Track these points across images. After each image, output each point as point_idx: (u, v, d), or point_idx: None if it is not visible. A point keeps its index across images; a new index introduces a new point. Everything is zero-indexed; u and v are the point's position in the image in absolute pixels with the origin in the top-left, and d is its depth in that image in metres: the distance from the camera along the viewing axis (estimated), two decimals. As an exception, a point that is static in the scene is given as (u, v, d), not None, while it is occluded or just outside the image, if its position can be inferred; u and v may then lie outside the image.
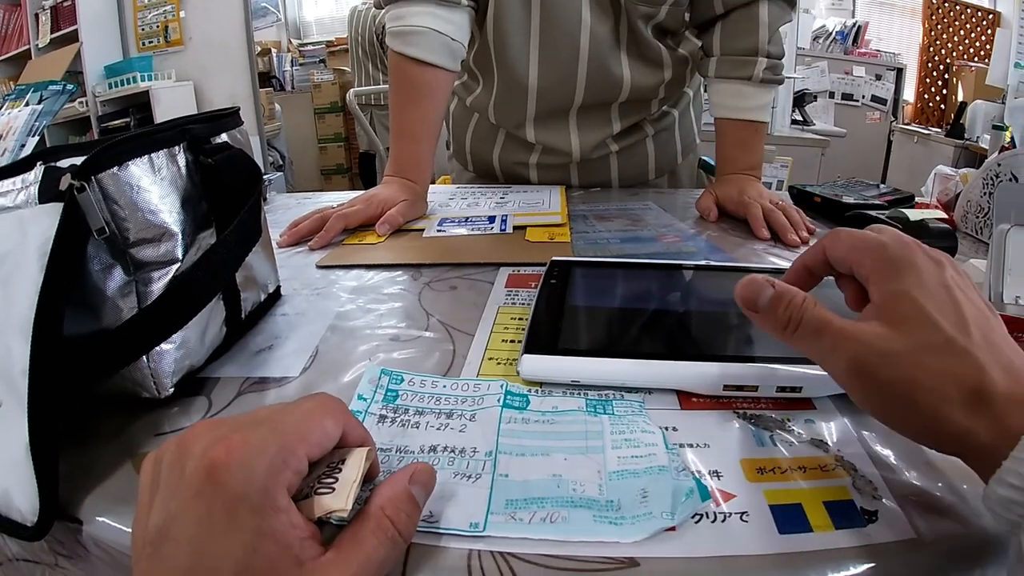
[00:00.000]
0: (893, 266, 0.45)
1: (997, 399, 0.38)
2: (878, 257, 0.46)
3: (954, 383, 0.39)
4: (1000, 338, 0.42)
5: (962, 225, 1.19)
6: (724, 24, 1.28)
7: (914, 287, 0.43)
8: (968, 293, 0.44)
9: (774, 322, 0.47)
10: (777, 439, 0.52)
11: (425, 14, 1.18)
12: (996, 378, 0.38)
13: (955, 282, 0.44)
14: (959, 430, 0.39)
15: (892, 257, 0.45)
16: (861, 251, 0.48)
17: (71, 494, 0.48)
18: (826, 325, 0.44)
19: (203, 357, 0.62)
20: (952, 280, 0.44)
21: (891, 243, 0.46)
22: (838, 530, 0.43)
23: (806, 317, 0.46)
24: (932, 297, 0.42)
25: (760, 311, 0.48)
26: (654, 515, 0.43)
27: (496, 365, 0.64)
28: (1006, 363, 0.40)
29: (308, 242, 1.04)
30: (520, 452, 0.49)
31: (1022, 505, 0.35)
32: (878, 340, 0.42)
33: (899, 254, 0.45)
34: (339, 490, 0.38)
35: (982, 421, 0.38)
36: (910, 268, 0.44)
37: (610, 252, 0.99)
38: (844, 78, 5.92)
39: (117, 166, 0.53)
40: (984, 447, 0.38)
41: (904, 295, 0.43)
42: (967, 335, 0.40)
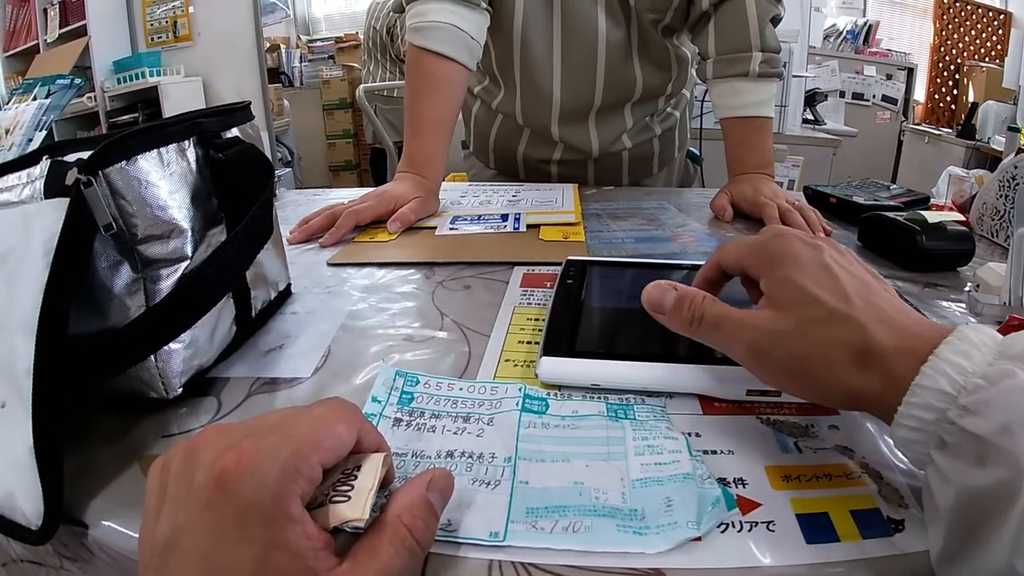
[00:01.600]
0: (773, 258, 0.50)
1: (884, 353, 0.42)
2: (762, 255, 0.52)
3: (842, 348, 0.43)
4: (883, 301, 0.46)
5: (977, 227, 1.18)
6: (715, 24, 1.30)
7: (793, 271, 0.48)
8: (848, 267, 0.49)
9: (680, 321, 0.53)
10: (801, 445, 0.51)
11: (446, 11, 1.21)
12: (880, 335, 0.43)
13: (834, 259, 0.49)
14: (855, 389, 0.43)
15: (772, 251, 0.51)
16: (748, 254, 0.54)
17: (76, 497, 0.47)
18: (724, 318, 0.50)
19: (212, 357, 0.61)
20: (830, 258, 0.49)
21: (770, 240, 0.52)
22: (865, 540, 0.42)
23: (707, 314, 0.51)
24: (811, 276, 0.47)
25: (666, 312, 0.54)
26: (679, 524, 0.42)
27: (513, 367, 0.63)
28: (889, 322, 0.44)
29: (319, 239, 1.04)
30: (540, 458, 0.48)
31: (922, 444, 0.39)
32: (768, 323, 0.47)
33: (778, 246, 0.51)
34: (355, 498, 0.37)
35: (874, 376, 0.42)
36: (788, 256, 0.49)
37: (625, 252, 0.98)
38: (855, 77, 5.92)
39: (125, 160, 0.52)
40: (881, 398, 0.42)
41: (786, 280, 0.48)
42: (848, 303, 0.45)
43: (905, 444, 0.40)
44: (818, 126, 4.33)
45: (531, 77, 1.42)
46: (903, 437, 0.40)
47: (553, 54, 1.38)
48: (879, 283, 0.48)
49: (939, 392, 0.38)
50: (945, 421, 0.38)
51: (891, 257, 0.98)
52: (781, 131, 3.48)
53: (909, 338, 0.42)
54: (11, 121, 1.28)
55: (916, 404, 0.39)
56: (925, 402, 0.39)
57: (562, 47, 1.37)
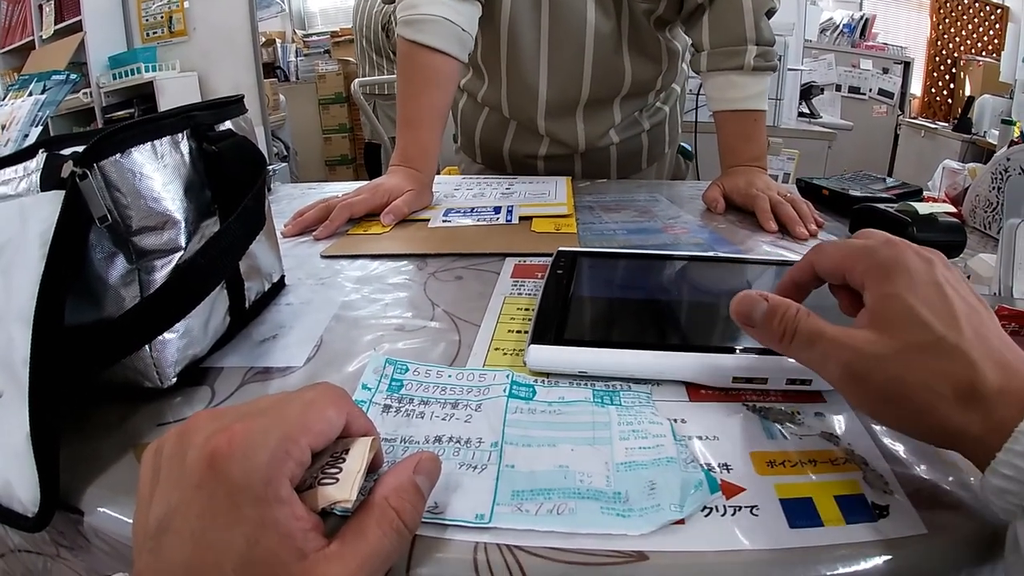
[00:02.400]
0: (884, 269, 0.46)
1: (989, 394, 0.39)
2: (869, 263, 0.47)
3: (946, 381, 0.40)
4: (991, 333, 0.42)
5: (970, 220, 1.18)
6: (710, 16, 1.29)
7: (904, 289, 0.44)
8: (959, 289, 0.45)
9: (770, 335, 0.49)
10: (787, 432, 0.52)
11: (437, 4, 1.20)
12: (987, 373, 0.39)
13: (946, 279, 0.45)
14: (953, 426, 0.40)
15: (882, 261, 0.46)
16: (851, 260, 0.49)
17: (72, 484, 0.47)
18: (819, 335, 0.46)
19: (206, 347, 0.62)
20: (943, 277, 0.45)
21: (880, 247, 0.48)
22: (849, 524, 0.42)
23: (800, 328, 0.47)
24: (922, 297, 0.43)
25: (756, 325, 0.50)
26: (662, 507, 0.42)
27: (502, 355, 0.63)
28: (997, 358, 0.40)
29: (313, 232, 1.04)
30: (526, 443, 0.49)
31: (1016, 495, 0.36)
32: (869, 345, 0.43)
33: (889, 256, 0.46)
34: (343, 480, 0.38)
35: (975, 416, 0.39)
36: (901, 270, 0.45)
37: (617, 243, 0.99)
38: (851, 71, 5.90)
39: (119, 153, 0.52)
40: (978, 440, 0.39)
41: (895, 297, 0.44)
42: (958, 332, 0.41)
43: (997, 494, 0.37)
44: (814, 119, 4.33)
45: (517, 68, 1.42)
46: (996, 486, 0.37)
47: (540, 44, 1.38)
48: (987, 311, 0.45)
49: None
50: None
51: (882, 249, 0.97)
52: (776, 124, 3.47)
53: (1017, 380, 0.39)
54: (7, 117, 1.28)
55: (1017, 452, 0.36)
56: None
57: (549, 37, 1.37)
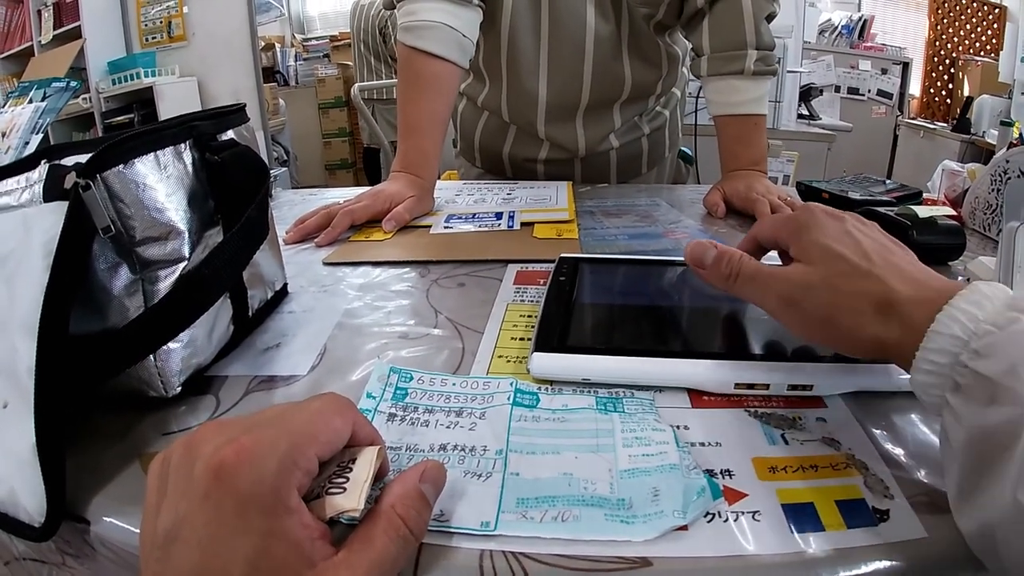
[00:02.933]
0: (802, 227, 0.54)
1: (903, 304, 0.46)
2: (791, 226, 0.56)
3: (865, 300, 0.47)
4: (901, 260, 0.50)
5: (970, 222, 1.18)
6: (710, 21, 1.29)
7: (820, 236, 0.52)
8: (869, 233, 0.53)
9: (718, 274, 0.58)
10: (788, 437, 0.52)
11: (437, 10, 1.20)
12: (899, 288, 0.46)
13: (855, 227, 0.53)
14: (877, 337, 0.46)
15: (800, 221, 0.55)
16: (778, 228, 0.59)
17: (78, 494, 0.47)
18: (758, 271, 0.55)
19: (210, 356, 0.62)
20: (853, 227, 0.53)
21: (799, 214, 0.57)
22: (850, 529, 0.43)
23: (744, 268, 0.56)
24: (836, 239, 0.51)
25: (706, 267, 0.59)
26: (666, 514, 0.42)
27: (506, 363, 0.63)
28: (907, 276, 0.48)
29: (314, 239, 1.04)
30: (531, 450, 0.49)
31: (938, 387, 0.42)
32: (799, 276, 0.51)
33: (804, 218, 0.55)
34: (350, 489, 0.38)
35: (894, 325, 0.46)
36: (815, 224, 0.54)
37: (618, 249, 0.99)
38: (850, 72, 5.90)
39: (122, 164, 0.53)
40: (900, 346, 0.45)
41: (813, 243, 0.52)
42: (869, 261, 0.49)
43: (923, 388, 0.43)
44: (813, 121, 4.33)
45: (517, 73, 1.42)
46: (921, 382, 0.43)
47: (540, 49, 1.38)
48: (899, 247, 0.52)
49: (953, 337, 0.41)
50: (958, 364, 0.40)
51: (882, 252, 0.98)
52: (776, 126, 3.47)
53: (926, 291, 0.46)
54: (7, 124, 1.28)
55: (932, 349, 0.42)
56: (940, 347, 0.41)
57: (549, 42, 1.37)
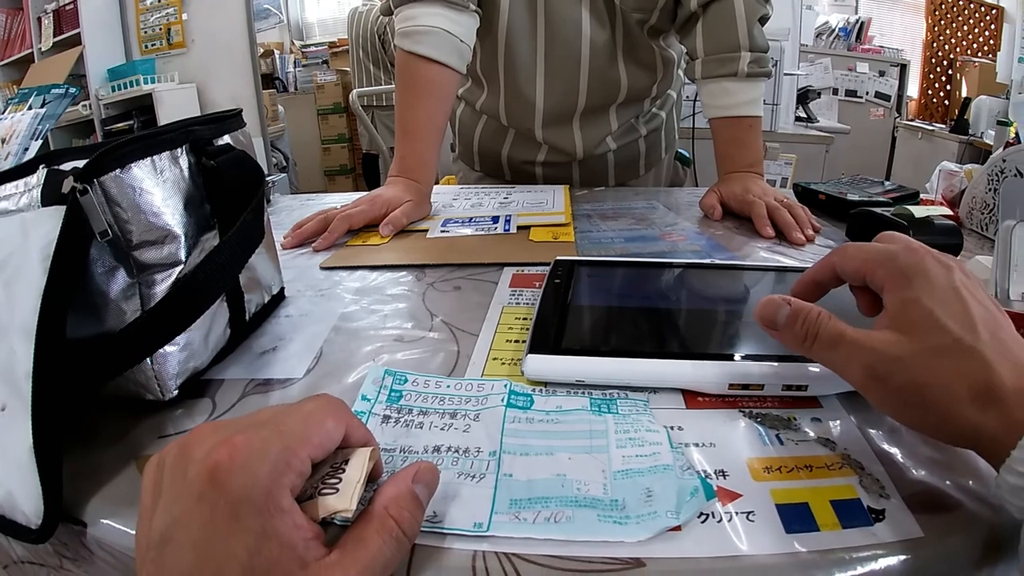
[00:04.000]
0: (904, 274, 0.47)
1: (1006, 394, 0.40)
2: (890, 267, 0.48)
3: (964, 382, 0.41)
4: (1008, 336, 0.43)
5: (967, 222, 1.19)
6: (703, 24, 1.29)
7: (924, 293, 0.45)
8: (976, 294, 0.46)
9: (793, 338, 0.50)
10: (783, 438, 0.52)
11: (435, 15, 1.20)
12: (1004, 374, 0.40)
13: (963, 284, 0.46)
14: (971, 425, 0.41)
15: (903, 266, 0.47)
16: (873, 263, 0.50)
17: (75, 496, 0.48)
18: (841, 337, 0.47)
19: (207, 359, 0.62)
20: (961, 282, 0.46)
21: (901, 252, 0.48)
22: (845, 529, 0.43)
23: (822, 331, 0.48)
24: (941, 301, 0.44)
25: (779, 328, 0.51)
26: (659, 514, 0.42)
27: (500, 365, 0.64)
28: (1013, 359, 0.41)
29: (312, 243, 1.05)
30: (524, 452, 0.49)
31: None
32: (889, 347, 0.44)
33: (909, 262, 0.47)
34: (343, 490, 0.38)
35: (992, 416, 0.40)
36: (920, 275, 0.46)
37: (614, 251, 0.99)
38: (848, 74, 5.91)
39: (119, 168, 0.53)
40: (994, 439, 0.40)
41: (914, 302, 0.45)
42: (975, 335, 0.42)
43: (1012, 491, 0.38)
44: (811, 124, 4.31)
45: (514, 79, 1.42)
46: (1011, 484, 0.38)
47: (537, 55, 1.39)
48: (1003, 316, 0.46)
49: None
50: None
51: (879, 252, 0.98)
52: (773, 129, 3.46)
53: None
54: (7, 131, 1.29)
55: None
56: None
57: (545, 48, 1.37)
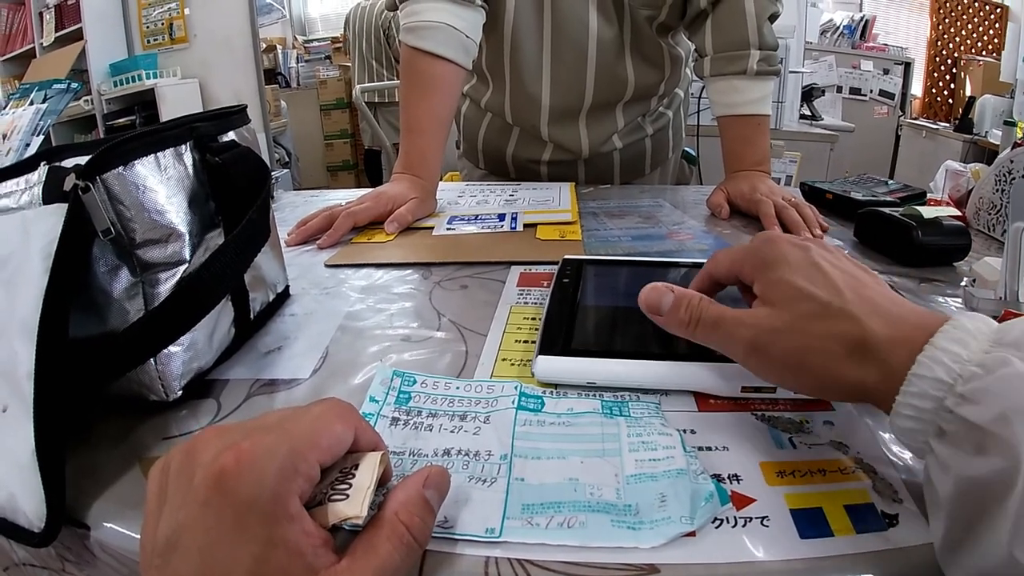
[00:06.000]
0: (765, 262, 0.51)
1: (880, 344, 0.42)
2: (754, 260, 0.53)
3: (838, 341, 0.44)
4: (875, 293, 0.47)
5: (974, 222, 1.18)
6: (713, 21, 1.29)
7: (785, 272, 0.49)
8: (838, 264, 0.49)
9: (677, 322, 0.54)
10: (796, 441, 0.52)
11: (441, 10, 1.20)
12: (875, 327, 0.43)
13: (823, 257, 0.49)
14: (853, 380, 0.43)
15: (762, 255, 0.52)
16: (739, 261, 0.55)
17: (78, 499, 0.47)
18: (721, 318, 0.51)
19: (212, 359, 0.62)
20: (820, 256, 0.49)
21: (760, 245, 0.53)
22: (859, 534, 0.42)
23: (704, 315, 0.52)
24: (803, 274, 0.48)
25: (663, 314, 0.55)
26: (673, 520, 0.42)
27: (510, 366, 0.63)
28: (883, 312, 0.44)
29: (316, 241, 1.04)
30: (536, 455, 0.49)
31: (922, 433, 0.39)
32: (765, 320, 0.48)
33: (767, 250, 0.52)
34: (353, 496, 0.38)
35: (871, 367, 0.42)
36: (780, 258, 0.50)
37: (621, 250, 0.99)
38: (852, 72, 5.91)
39: (123, 165, 0.52)
40: (879, 389, 0.42)
41: (779, 280, 0.49)
42: (841, 297, 0.45)
43: (905, 434, 0.41)
44: (815, 121, 4.32)
45: (520, 76, 1.42)
46: (902, 427, 0.40)
47: (543, 52, 1.38)
48: (871, 277, 0.49)
49: (936, 381, 0.38)
50: (943, 410, 0.38)
51: (887, 252, 0.98)
52: (778, 127, 3.46)
53: (905, 328, 0.42)
54: (8, 126, 1.28)
55: (914, 393, 0.39)
56: (923, 391, 0.39)
57: (552, 45, 1.37)
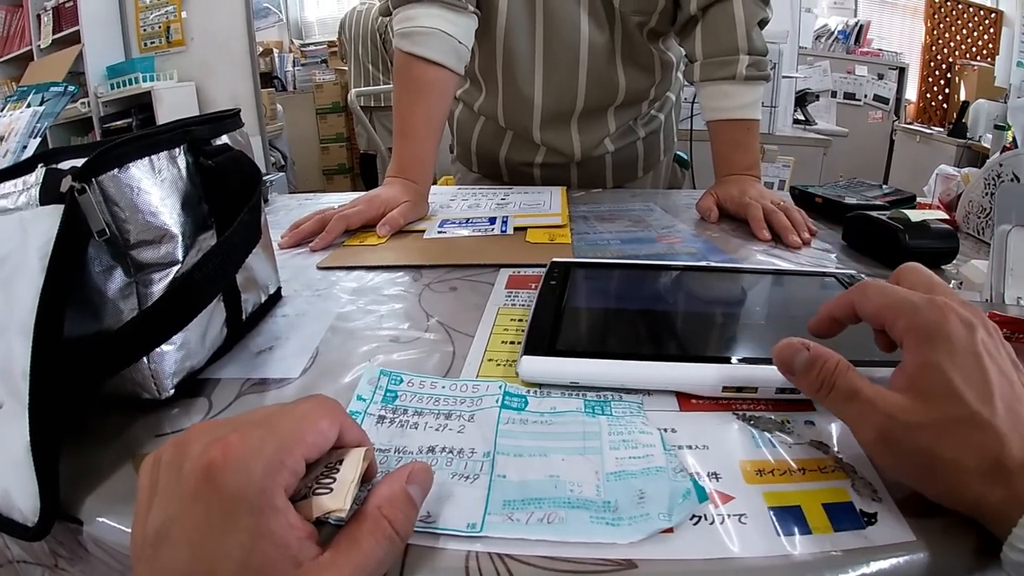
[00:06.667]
0: (926, 334, 0.45)
1: (1014, 468, 0.39)
2: (911, 321, 0.47)
3: (973, 455, 0.41)
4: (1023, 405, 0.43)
5: (964, 225, 1.20)
6: (703, 27, 1.31)
7: (944, 358, 0.44)
8: (998, 359, 0.45)
9: (808, 384, 0.49)
10: (776, 440, 0.52)
11: (435, 16, 1.22)
12: (1014, 449, 0.40)
13: (985, 348, 0.45)
14: (975, 496, 0.41)
15: (925, 324, 0.46)
16: (894, 312, 0.48)
17: (71, 494, 0.48)
18: (856, 393, 0.46)
19: (204, 358, 0.63)
20: (983, 346, 0.45)
21: (924, 307, 0.47)
22: (837, 532, 0.43)
23: (838, 383, 0.47)
24: (960, 367, 0.43)
25: (795, 373, 0.50)
26: (651, 516, 0.43)
27: (496, 366, 0.64)
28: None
29: (309, 243, 1.05)
30: (518, 453, 0.50)
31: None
32: (903, 413, 0.43)
33: (932, 320, 0.46)
34: (337, 490, 0.39)
35: (998, 489, 0.39)
36: (943, 337, 0.45)
37: (610, 253, 1.00)
38: (847, 77, 5.93)
39: (118, 168, 0.53)
40: (998, 512, 0.39)
41: (934, 368, 0.44)
42: (992, 408, 0.41)
43: (1014, 567, 0.38)
44: (809, 126, 4.32)
45: (513, 80, 1.43)
46: (1013, 560, 0.38)
47: (535, 57, 1.40)
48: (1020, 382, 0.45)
49: None
50: None
51: (875, 256, 0.99)
52: (772, 131, 3.46)
53: None
54: (5, 128, 1.29)
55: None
56: None
57: (544, 50, 1.39)
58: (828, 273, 0.81)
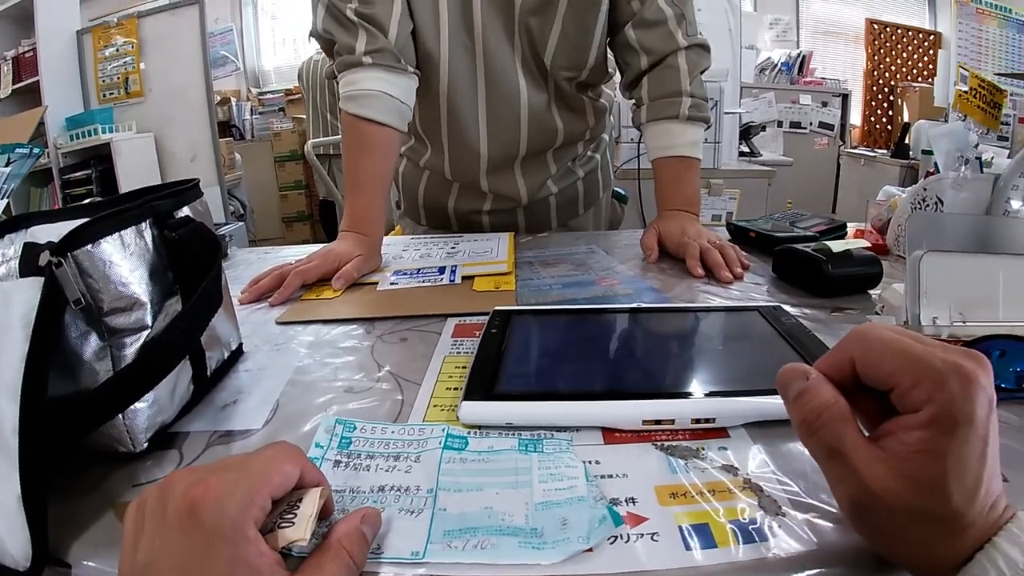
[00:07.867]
0: (951, 419, 0.40)
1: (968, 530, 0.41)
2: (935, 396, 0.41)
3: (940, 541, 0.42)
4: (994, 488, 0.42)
5: (894, 249, 1.26)
6: (649, 78, 1.42)
7: (955, 448, 0.40)
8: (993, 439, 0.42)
9: (792, 416, 0.48)
10: (691, 466, 0.57)
11: (377, 79, 1.27)
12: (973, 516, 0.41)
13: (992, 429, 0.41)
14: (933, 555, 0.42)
15: (951, 403, 0.40)
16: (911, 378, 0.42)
17: (59, 541, 0.52)
18: (839, 452, 0.44)
19: (173, 413, 0.67)
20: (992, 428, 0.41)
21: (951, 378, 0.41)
22: (743, 545, 0.48)
23: (824, 431, 0.45)
24: (964, 461, 0.40)
25: (787, 401, 0.48)
26: (571, 540, 0.48)
27: (440, 411, 0.69)
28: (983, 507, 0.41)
29: (268, 299, 1.09)
30: (458, 488, 0.55)
31: None
32: (885, 493, 0.41)
33: (959, 398, 0.40)
34: (298, 523, 0.45)
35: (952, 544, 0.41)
36: (966, 423, 0.40)
37: (552, 298, 1.04)
38: (791, 107, 6.00)
39: (91, 244, 0.58)
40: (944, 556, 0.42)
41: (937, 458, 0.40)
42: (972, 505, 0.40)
43: None
44: (754, 158, 4.34)
45: (459, 136, 1.49)
46: None
47: (479, 113, 1.46)
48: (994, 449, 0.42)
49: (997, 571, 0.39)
50: None
51: (802, 286, 1.05)
52: (716, 166, 3.49)
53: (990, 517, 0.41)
54: (-31, 189, 1.32)
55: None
56: None
57: (487, 106, 1.45)
58: (750, 307, 0.88)
